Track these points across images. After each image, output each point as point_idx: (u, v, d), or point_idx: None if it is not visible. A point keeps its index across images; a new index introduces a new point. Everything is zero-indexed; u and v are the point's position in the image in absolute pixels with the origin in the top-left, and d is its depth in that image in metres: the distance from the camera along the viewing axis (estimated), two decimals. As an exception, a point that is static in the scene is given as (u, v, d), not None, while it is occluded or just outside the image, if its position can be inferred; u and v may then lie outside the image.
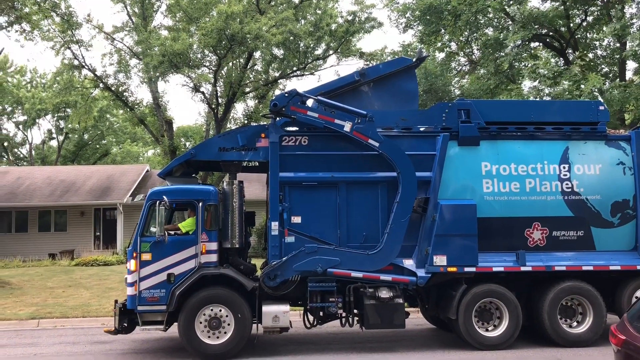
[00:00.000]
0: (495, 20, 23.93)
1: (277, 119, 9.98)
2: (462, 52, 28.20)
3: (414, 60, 10.74)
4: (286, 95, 9.78)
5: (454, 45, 27.70)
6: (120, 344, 10.80)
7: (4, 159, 50.46)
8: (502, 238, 9.82)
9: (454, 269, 9.53)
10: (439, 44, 26.79)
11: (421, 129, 10.16)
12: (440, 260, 9.51)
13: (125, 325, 9.61)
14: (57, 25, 28.64)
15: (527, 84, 23.33)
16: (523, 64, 22.94)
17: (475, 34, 24.36)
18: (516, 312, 9.60)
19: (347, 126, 9.66)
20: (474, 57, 28.19)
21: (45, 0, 23.07)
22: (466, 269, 9.56)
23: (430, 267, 9.52)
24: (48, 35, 28.18)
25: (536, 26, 22.17)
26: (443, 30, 25.49)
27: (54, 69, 57.16)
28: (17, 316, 13.70)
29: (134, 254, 9.44)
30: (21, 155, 54.02)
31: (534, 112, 10.37)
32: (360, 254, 9.55)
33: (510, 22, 22.89)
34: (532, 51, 23.22)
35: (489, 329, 9.73)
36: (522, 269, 9.67)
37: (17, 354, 10.33)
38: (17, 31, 21.06)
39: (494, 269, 9.66)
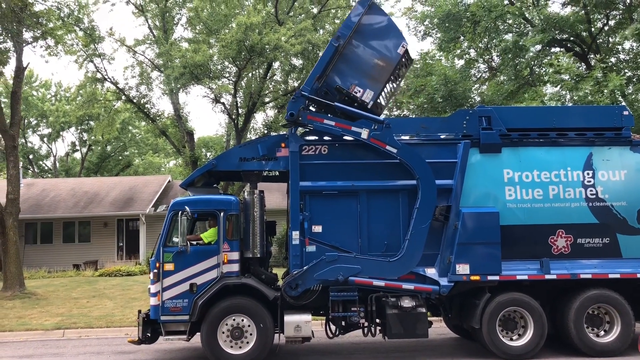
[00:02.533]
0: (515, 26, 23.77)
1: (295, 128, 10.04)
2: (481, 59, 28.04)
3: None
4: (293, 100, 9.84)
5: (472, 52, 27.57)
6: (143, 354, 10.87)
7: (30, 171, 51.35)
8: (526, 246, 9.70)
9: (477, 278, 9.43)
10: (458, 51, 26.68)
11: (442, 137, 10.11)
12: (463, 268, 9.42)
13: (149, 335, 9.68)
14: (80, 39, 29.18)
15: (548, 89, 23.10)
16: (544, 69, 22.71)
17: (494, 40, 24.21)
18: (541, 321, 9.45)
19: (364, 133, 9.65)
20: (493, 63, 28.01)
21: (69, 15, 23.50)
22: (489, 278, 9.45)
23: (453, 275, 9.43)
24: (71, 49, 28.72)
25: (556, 31, 21.95)
26: (462, 37, 25.40)
27: (77, 82, 58.11)
28: (43, 326, 13.89)
29: (157, 264, 9.52)
30: (46, 168, 54.97)
31: (556, 117, 10.25)
32: (381, 261, 9.51)
33: (529, 28, 22.70)
34: (553, 56, 22.96)
35: (514, 338, 9.59)
36: (547, 277, 9.53)
37: (43, 364, 10.47)
38: (42, 47, 21.48)
39: (518, 278, 9.54)
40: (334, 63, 10.06)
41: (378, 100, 10.30)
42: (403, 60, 10.46)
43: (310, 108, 10.13)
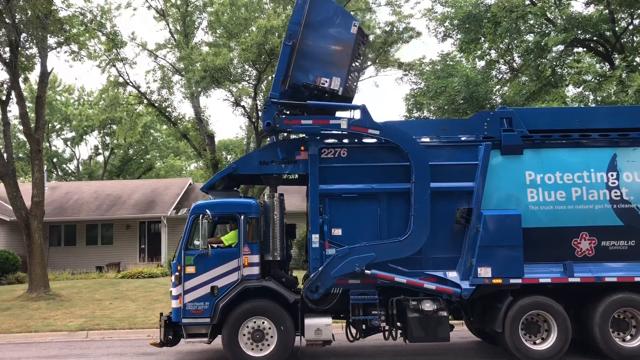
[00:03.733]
0: (537, 26, 23.53)
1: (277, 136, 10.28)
2: (502, 60, 27.81)
3: None
4: (265, 109, 9.81)
5: (493, 53, 27.35)
6: (165, 355, 10.96)
7: (54, 174, 52.18)
8: (549, 249, 9.56)
9: (499, 281, 9.33)
10: (479, 52, 26.49)
11: (462, 139, 10.03)
12: (484, 272, 9.32)
13: (171, 337, 9.77)
14: (103, 44, 29.61)
15: (570, 90, 22.83)
16: (566, 70, 22.44)
17: (515, 41, 23.99)
18: (565, 324, 9.32)
19: (344, 123, 9.64)
20: (514, 64, 27.76)
21: (92, 21, 23.86)
22: (512, 281, 9.34)
23: (475, 279, 9.33)
24: (94, 54, 29.15)
25: (579, 31, 21.66)
26: (483, 38, 25.21)
27: (100, 86, 58.95)
28: (67, 327, 14.09)
29: (179, 267, 9.59)
30: (69, 171, 55.82)
31: (578, 118, 10.09)
32: (392, 242, 9.43)
33: (551, 28, 22.45)
34: (576, 56, 22.66)
35: (537, 342, 9.45)
36: (570, 280, 9.38)
37: (67, 365, 10.64)
38: (65, 52, 21.87)
39: (541, 281, 9.41)
40: (294, 62, 9.92)
41: (348, 84, 10.16)
42: (359, 38, 10.34)
43: (286, 112, 10.10)
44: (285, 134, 10.64)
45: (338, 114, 10.15)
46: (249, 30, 28.30)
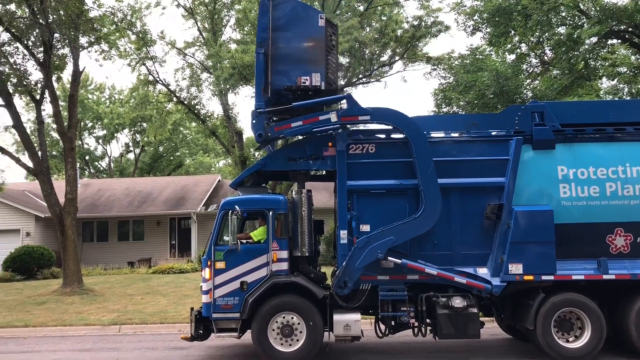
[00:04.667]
0: (569, 18, 23.04)
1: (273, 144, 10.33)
2: (533, 53, 27.32)
3: None
4: (254, 121, 9.81)
5: (524, 47, 26.90)
6: (196, 350, 11.10)
7: (86, 172, 53.20)
8: (582, 245, 9.37)
9: (530, 278, 9.19)
10: (509, 46, 26.09)
11: (493, 133, 9.90)
12: (515, 268, 9.19)
13: (201, 332, 9.86)
14: (133, 43, 30.03)
15: (604, 83, 22.31)
16: (599, 62, 21.93)
17: (546, 34, 23.53)
18: (599, 322, 9.13)
19: (333, 116, 9.61)
20: (545, 57, 27.25)
21: (122, 20, 24.22)
22: (543, 278, 9.18)
23: (506, 275, 9.21)
24: (124, 53, 29.59)
25: (614, 22, 21.13)
26: (513, 32, 24.81)
27: (130, 85, 59.90)
28: (100, 322, 14.36)
29: (209, 263, 9.68)
30: (101, 168, 56.85)
31: (612, 112, 9.87)
32: (408, 221, 9.34)
33: (584, 20, 21.96)
34: (610, 48, 22.12)
35: (570, 339, 9.28)
36: (605, 277, 9.18)
37: (102, 358, 10.88)
38: (96, 51, 22.27)
39: (574, 277, 9.24)
40: (270, 68, 9.91)
41: (328, 77, 10.09)
42: (329, 30, 10.28)
43: (274, 119, 10.09)
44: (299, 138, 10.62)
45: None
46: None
